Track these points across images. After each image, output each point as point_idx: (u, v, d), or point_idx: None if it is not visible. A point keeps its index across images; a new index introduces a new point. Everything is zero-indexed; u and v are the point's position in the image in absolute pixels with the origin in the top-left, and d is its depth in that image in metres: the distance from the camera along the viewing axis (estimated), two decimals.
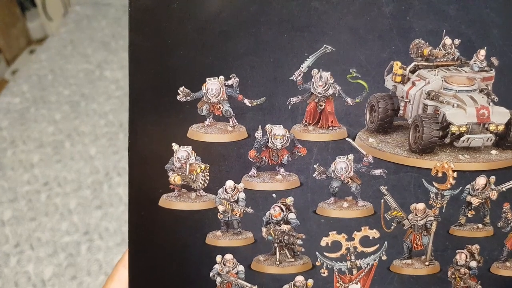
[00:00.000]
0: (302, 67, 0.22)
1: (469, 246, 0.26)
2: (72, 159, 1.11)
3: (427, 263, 0.26)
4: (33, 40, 2.45)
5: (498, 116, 0.23)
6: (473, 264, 0.26)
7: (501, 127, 0.23)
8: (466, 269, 0.26)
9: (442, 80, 0.23)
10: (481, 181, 0.24)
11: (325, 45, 0.22)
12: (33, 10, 2.44)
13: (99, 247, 0.90)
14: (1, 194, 1.01)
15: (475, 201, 0.25)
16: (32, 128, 1.19)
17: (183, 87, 0.22)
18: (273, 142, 0.23)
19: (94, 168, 1.08)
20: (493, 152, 0.24)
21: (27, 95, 1.30)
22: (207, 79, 0.22)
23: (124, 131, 1.18)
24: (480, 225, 0.26)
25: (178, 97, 0.22)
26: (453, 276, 0.26)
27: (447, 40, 0.22)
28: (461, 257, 0.26)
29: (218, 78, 0.22)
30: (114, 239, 0.90)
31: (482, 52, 0.22)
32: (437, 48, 0.22)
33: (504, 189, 0.25)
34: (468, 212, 0.25)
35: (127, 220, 0.29)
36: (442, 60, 0.22)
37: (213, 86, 0.22)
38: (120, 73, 1.37)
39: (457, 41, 0.22)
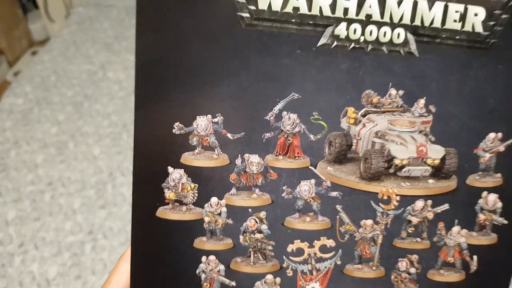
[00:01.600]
0: (274, 110, 0.27)
1: (409, 255, 0.31)
2: (75, 159, 1.13)
3: (374, 268, 0.31)
4: (35, 41, 2.59)
5: (434, 152, 0.28)
6: (413, 270, 0.31)
7: (436, 161, 0.28)
8: (406, 274, 0.31)
9: (388, 123, 0.28)
10: (419, 204, 0.29)
11: (292, 93, 0.26)
12: (35, 11, 2.47)
13: (103, 246, 0.92)
14: (5, 194, 1.04)
15: (414, 220, 0.30)
16: (35, 128, 1.22)
17: (178, 122, 0.27)
18: (250, 168, 0.28)
19: (97, 168, 1.11)
20: (430, 181, 0.29)
21: (30, 96, 1.33)
22: (197, 116, 0.27)
23: (128, 131, 1.21)
24: (418, 239, 0.30)
25: (173, 131, 0.27)
26: (395, 280, 0.31)
27: (393, 91, 0.26)
28: (402, 264, 0.31)
29: (206, 116, 0.27)
30: (118, 239, 0.92)
31: (422, 101, 0.27)
32: (384, 97, 0.27)
33: (439, 211, 0.30)
34: (408, 228, 0.30)
35: (130, 220, 0.34)
36: (388, 107, 0.27)
37: (202, 122, 0.27)
38: (123, 74, 1.41)
39: (401, 92, 0.27)
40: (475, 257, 0.31)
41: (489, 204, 0.29)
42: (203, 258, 0.31)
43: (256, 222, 0.29)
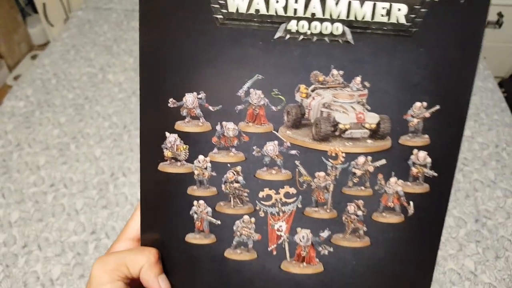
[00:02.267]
0: (244, 88, 0.34)
1: (356, 201, 0.36)
2: (77, 160, 1.17)
3: (328, 210, 0.36)
4: (35, 45, 2.44)
5: (371, 118, 0.34)
6: (360, 213, 0.37)
7: (373, 125, 0.34)
8: (354, 216, 0.37)
9: (332, 96, 0.35)
10: (361, 159, 0.35)
11: (257, 75, 0.33)
12: (34, 16, 2.44)
13: (106, 245, 0.95)
14: (8, 196, 1.07)
15: (358, 172, 0.36)
16: (37, 131, 1.25)
17: (172, 98, 0.35)
18: (227, 132, 0.35)
19: (99, 169, 1.14)
20: (369, 141, 0.35)
21: (31, 99, 1.37)
22: (186, 93, 0.34)
23: (128, 132, 1.25)
24: (363, 188, 0.36)
25: (169, 105, 0.35)
26: (346, 220, 0.37)
27: (334, 71, 0.33)
28: (350, 207, 0.37)
29: (193, 93, 0.35)
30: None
31: (358, 79, 0.33)
32: (328, 76, 0.34)
33: (377, 165, 0.36)
34: (354, 179, 0.36)
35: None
36: (331, 83, 0.33)
37: (190, 98, 0.34)
38: (123, 76, 1.44)
39: (341, 72, 0.33)
40: (411, 203, 0.35)
41: (420, 160, 0.35)
42: (195, 202, 0.35)
43: (234, 174, 0.36)
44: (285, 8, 0.32)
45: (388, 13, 0.32)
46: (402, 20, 0.32)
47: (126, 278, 0.36)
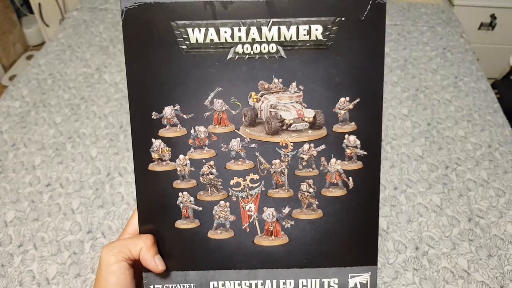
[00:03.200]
0: (209, 98, 0.40)
1: (307, 180, 0.42)
2: (73, 160, 1.20)
3: (286, 190, 0.41)
4: (30, 46, 2.47)
5: (308, 113, 0.39)
6: (311, 190, 0.41)
7: (311, 119, 0.40)
8: (307, 193, 0.42)
9: (276, 99, 0.41)
10: (306, 146, 0.40)
11: (218, 87, 0.39)
12: (29, 16, 2.48)
13: (102, 245, 0.97)
14: (3, 195, 1.10)
15: (305, 157, 0.40)
16: (33, 131, 1.30)
17: (154, 111, 0.40)
18: (199, 135, 0.40)
19: (95, 169, 1.18)
20: (309, 131, 0.40)
21: (27, 99, 1.41)
22: (165, 107, 0.40)
23: (124, 132, 1.30)
24: (310, 169, 0.41)
25: (152, 117, 0.40)
26: (301, 197, 0.42)
27: (275, 80, 0.38)
28: (303, 186, 0.41)
29: (170, 106, 0.40)
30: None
31: (294, 84, 0.39)
32: (271, 84, 0.39)
33: (319, 149, 0.40)
34: (302, 163, 0.41)
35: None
36: (274, 89, 0.39)
37: (168, 110, 0.39)
38: (119, 76, 1.49)
39: (280, 80, 0.39)
40: (350, 178, 0.44)
41: (351, 142, 0.43)
42: (180, 194, 0.44)
43: (209, 168, 0.44)
44: (232, 36, 0.42)
45: (309, 33, 0.42)
46: (320, 37, 0.42)
47: (129, 259, 0.44)
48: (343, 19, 0.41)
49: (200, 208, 0.45)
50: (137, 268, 0.44)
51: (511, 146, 1.25)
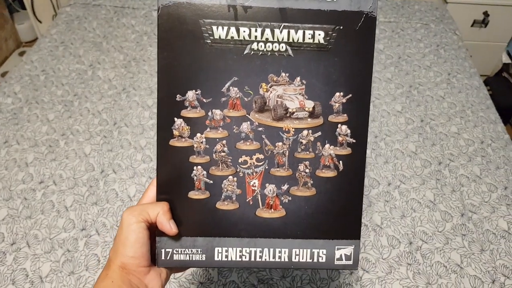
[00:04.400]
0: (226, 86, 0.46)
1: (304, 162, 0.49)
2: (67, 157, 1.19)
3: (286, 170, 0.49)
4: (23, 42, 2.46)
5: (308, 104, 0.45)
6: (307, 170, 0.49)
7: (310, 109, 0.49)
8: (304, 173, 0.49)
9: (283, 90, 0.50)
10: (305, 132, 0.49)
11: (234, 77, 0.44)
12: (21, 12, 2.48)
13: (96, 242, 0.99)
14: None
15: (304, 141, 0.50)
16: (25, 127, 1.30)
17: (178, 94, 0.46)
18: (215, 117, 0.46)
19: (89, 166, 1.17)
20: (309, 120, 0.45)
21: (19, 95, 1.42)
22: (188, 90, 0.45)
23: (118, 129, 1.31)
24: (307, 152, 0.49)
25: (176, 99, 0.48)
26: (298, 176, 0.49)
27: (283, 74, 0.43)
28: (301, 167, 0.49)
29: (192, 90, 0.47)
30: (111, 234, 1.00)
31: (298, 78, 0.43)
32: (279, 77, 0.45)
33: (316, 135, 0.46)
34: (301, 146, 0.49)
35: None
36: (282, 82, 0.46)
37: (190, 93, 0.47)
38: (112, 73, 1.50)
39: (287, 74, 0.45)
40: (341, 162, 0.48)
41: (343, 131, 0.48)
42: (194, 167, 0.48)
43: (221, 146, 0.48)
44: (249, 35, 0.49)
45: (313, 37, 0.49)
46: (322, 41, 0.48)
47: (147, 221, 0.50)
48: (341, 27, 0.49)
49: (211, 181, 0.50)
50: (152, 232, 0.51)
51: (503, 142, 1.28)
